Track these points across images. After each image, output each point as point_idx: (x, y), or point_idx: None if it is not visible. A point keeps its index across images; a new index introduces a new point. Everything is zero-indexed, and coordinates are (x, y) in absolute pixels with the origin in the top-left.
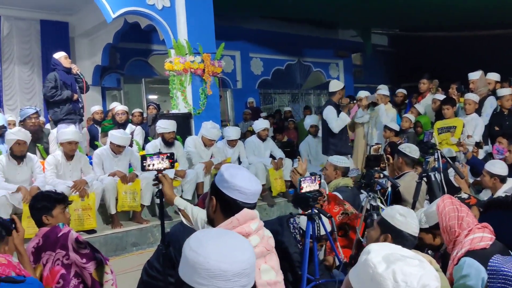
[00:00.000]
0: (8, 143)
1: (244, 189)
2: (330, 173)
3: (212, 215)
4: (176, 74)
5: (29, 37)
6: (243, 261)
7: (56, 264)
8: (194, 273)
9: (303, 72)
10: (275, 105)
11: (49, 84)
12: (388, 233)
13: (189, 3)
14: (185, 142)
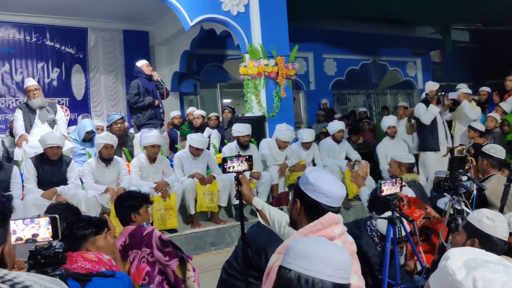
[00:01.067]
0: (97, 147)
1: (330, 192)
2: (394, 170)
3: (295, 218)
4: (251, 78)
5: (113, 47)
6: (328, 251)
7: (142, 261)
8: (286, 254)
9: (378, 71)
10: (349, 106)
11: (133, 91)
12: (476, 238)
13: (263, 8)
14: (259, 144)
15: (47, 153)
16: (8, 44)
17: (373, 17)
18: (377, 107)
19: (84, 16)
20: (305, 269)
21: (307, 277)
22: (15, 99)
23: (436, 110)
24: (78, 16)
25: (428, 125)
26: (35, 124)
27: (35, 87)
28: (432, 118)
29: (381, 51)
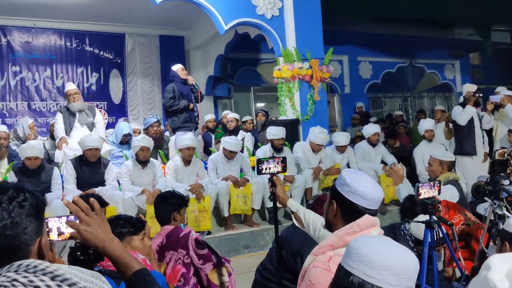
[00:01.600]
0: (134, 149)
1: (367, 194)
2: (435, 168)
3: (331, 219)
4: (285, 81)
5: (150, 52)
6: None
7: (177, 263)
8: (348, 256)
9: (415, 74)
10: (385, 109)
11: (168, 94)
12: (506, 241)
13: (298, 11)
14: (293, 147)
15: (86, 155)
16: (49, 50)
17: (410, 19)
18: (414, 111)
19: (122, 22)
20: (367, 275)
21: (371, 285)
22: (56, 103)
23: (473, 110)
24: (116, 22)
25: (464, 127)
26: (75, 127)
27: (75, 91)
28: (468, 118)
29: (418, 53)
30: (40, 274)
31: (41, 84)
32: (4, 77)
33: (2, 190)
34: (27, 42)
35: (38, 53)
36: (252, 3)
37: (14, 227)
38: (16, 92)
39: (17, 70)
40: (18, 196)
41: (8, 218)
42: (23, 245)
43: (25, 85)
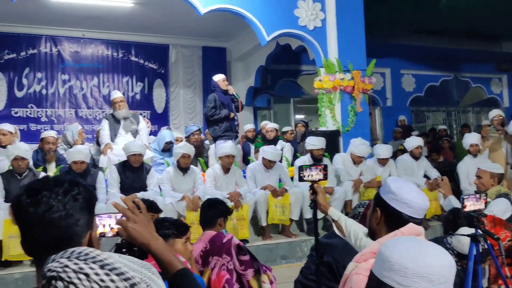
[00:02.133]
0: (176, 156)
1: (412, 202)
2: (486, 181)
3: (374, 227)
4: (325, 92)
5: (192, 63)
6: (427, 265)
7: (222, 269)
8: (380, 265)
9: (460, 88)
10: (428, 123)
11: (210, 104)
12: None
13: (340, 22)
14: (333, 159)
15: (129, 160)
16: (97, 60)
17: (455, 31)
18: (458, 125)
19: (166, 34)
20: (399, 284)
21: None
22: (102, 111)
23: None
24: (161, 33)
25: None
26: (119, 134)
27: (120, 99)
28: None
29: (463, 67)
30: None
31: (88, 92)
32: (54, 85)
33: (59, 183)
34: (76, 52)
35: (86, 62)
36: (294, 14)
37: (68, 219)
38: (64, 100)
39: (66, 78)
40: (72, 190)
41: (63, 210)
42: (75, 237)
43: (73, 93)
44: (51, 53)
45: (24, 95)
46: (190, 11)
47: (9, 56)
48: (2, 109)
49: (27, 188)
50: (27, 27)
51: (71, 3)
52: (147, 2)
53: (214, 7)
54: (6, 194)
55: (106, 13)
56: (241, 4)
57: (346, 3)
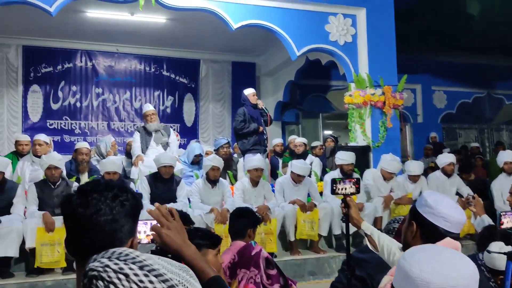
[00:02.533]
0: (205, 168)
1: (450, 216)
2: None
3: (410, 241)
4: (356, 107)
5: (222, 77)
6: (451, 277)
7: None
8: (401, 280)
9: (493, 105)
10: (460, 141)
11: (239, 118)
12: None
13: (371, 38)
14: (363, 174)
15: (160, 171)
16: (130, 74)
17: (488, 47)
18: (491, 143)
19: (197, 49)
20: None
21: None
22: (133, 124)
23: None
24: (192, 48)
25: None
26: (151, 146)
27: (152, 112)
28: None
29: (497, 83)
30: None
31: (121, 105)
32: (88, 98)
33: (109, 187)
34: (110, 66)
35: (119, 76)
36: (325, 29)
37: (114, 224)
38: (98, 112)
39: (99, 92)
40: (121, 195)
41: (109, 214)
42: (118, 242)
43: (106, 106)
44: (86, 67)
45: (59, 108)
46: (221, 27)
47: (46, 69)
48: (38, 121)
49: (78, 188)
50: (64, 41)
51: (107, 19)
52: (179, 18)
53: (246, 23)
54: (40, 203)
55: (140, 28)
56: (271, 19)
57: (377, 19)
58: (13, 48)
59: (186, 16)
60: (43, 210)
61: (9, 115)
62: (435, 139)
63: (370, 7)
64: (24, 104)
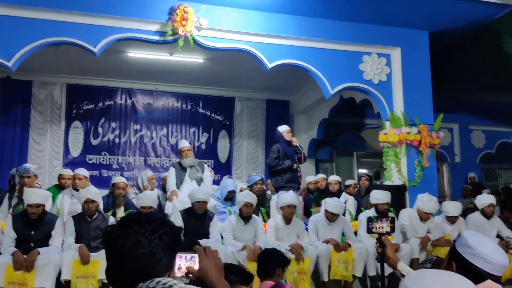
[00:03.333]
0: (238, 204)
1: (491, 258)
2: None
3: None
4: (391, 145)
5: (256, 115)
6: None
7: None
8: None
9: None
10: (500, 181)
11: (273, 154)
12: None
13: (406, 77)
14: (399, 214)
15: (194, 207)
16: (167, 111)
17: None
18: None
19: (233, 87)
20: None
21: None
22: (169, 159)
23: None
24: (227, 87)
25: None
26: (185, 181)
27: (187, 148)
28: None
29: None
30: None
31: (157, 141)
32: (126, 134)
33: (149, 221)
34: (149, 104)
35: (157, 113)
36: (359, 68)
37: (151, 256)
38: (135, 148)
39: (138, 128)
40: (160, 229)
41: (147, 247)
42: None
43: (143, 142)
44: (125, 104)
45: (99, 143)
46: (256, 66)
47: (87, 106)
48: (78, 156)
49: (120, 219)
50: (105, 80)
51: (147, 59)
52: (216, 57)
53: (280, 62)
54: (77, 235)
55: (178, 68)
56: (306, 58)
57: (412, 58)
58: (58, 86)
59: (223, 56)
60: (80, 243)
61: (51, 150)
62: (474, 179)
63: (405, 46)
64: (65, 139)
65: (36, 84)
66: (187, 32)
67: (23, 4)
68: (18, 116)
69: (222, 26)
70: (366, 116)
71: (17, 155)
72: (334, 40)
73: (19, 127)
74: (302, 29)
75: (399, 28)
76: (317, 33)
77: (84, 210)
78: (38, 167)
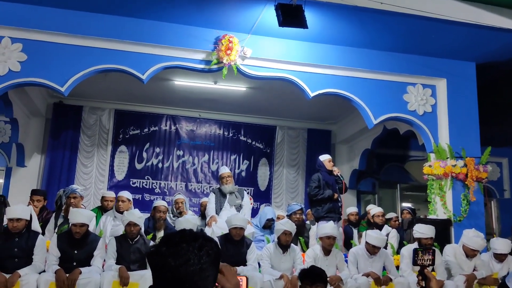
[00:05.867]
0: (277, 232)
1: None
2: None
3: None
4: (436, 178)
5: (297, 144)
6: None
7: None
8: None
9: None
10: None
11: (314, 183)
12: None
13: (452, 108)
14: (443, 250)
15: (231, 233)
16: (210, 138)
17: None
18: None
19: (274, 116)
20: None
21: None
22: (209, 185)
23: None
24: (269, 115)
25: None
26: (224, 207)
27: (228, 175)
28: None
29: None
30: None
31: (199, 167)
32: (169, 159)
33: (195, 238)
34: (192, 130)
35: (199, 140)
36: (403, 99)
37: (201, 273)
38: (177, 173)
39: (180, 154)
40: (206, 245)
41: (197, 264)
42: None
43: (185, 168)
44: (170, 130)
45: (143, 168)
46: (298, 95)
47: (133, 132)
48: (123, 179)
49: (166, 239)
50: (151, 106)
51: (192, 86)
52: (259, 86)
53: (322, 91)
54: (117, 257)
55: (222, 96)
56: (348, 88)
57: (458, 89)
58: (106, 112)
59: (265, 84)
60: (120, 264)
61: (97, 173)
62: None
63: (451, 78)
64: (111, 163)
65: (86, 109)
66: (231, 61)
67: (76, 33)
68: (68, 139)
69: (265, 55)
70: (410, 148)
71: (65, 177)
72: (378, 70)
73: (69, 150)
74: (345, 59)
75: (445, 59)
76: (361, 63)
77: (127, 233)
78: (84, 189)
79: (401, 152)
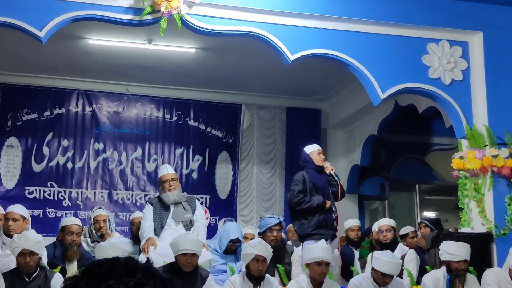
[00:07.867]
0: (245, 258)
1: None
2: None
3: None
4: (470, 175)
5: (273, 130)
6: None
7: None
8: None
9: None
10: None
11: (296, 187)
12: None
13: (492, 75)
14: (482, 276)
15: (179, 261)
16: (143, 124)
17: None
18: None
19: (238, 90)
20: None
21: None
22: (144, 194)
23: None
24: (230, 89)
25: None
26: (167, 225)
27: (172, 177)
28: None
29: None
30: None
31: (128, 167)
32: (84, 156)
33: (131, 272)
34: (116, 113)
35: (128, 127)
36: (423, 62)
37: None
38: (95, 177)
39: (100, 148)
40: (147, 283)
41: None
42: None
43: (108, 168)
44: (83, 113)
45: (43, 170)
46: (272, 60)
47: (28, 116)
48: (14, 187)
49: (87, 270)
50: (55, 78)
51: (115, 48)
52: (214, 47)
53: (307, 52)
54: None
55: (160, 61)
56: (345, 48)
57: (500, 47)
58: None
59: (224, 44)
60: None
61: None
62: None
63: (489, 30)
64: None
65: None
66: (172, 8)
67: None
68: None
69: (223, 1)
70: (433, 133)
71: None
72: (387, 22)
73: None
74: (340, 5)
75: (480, 4)
76: (362, 12)
77: (20, 266)
78: None
79: (420, 139)
